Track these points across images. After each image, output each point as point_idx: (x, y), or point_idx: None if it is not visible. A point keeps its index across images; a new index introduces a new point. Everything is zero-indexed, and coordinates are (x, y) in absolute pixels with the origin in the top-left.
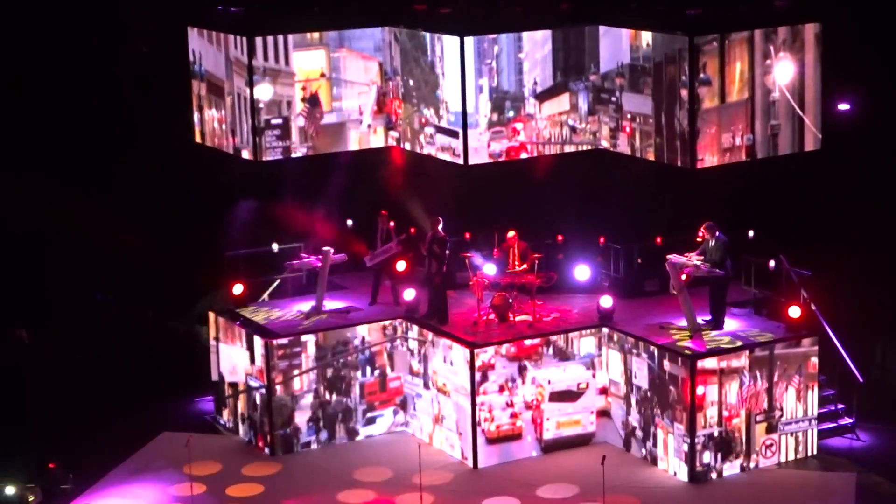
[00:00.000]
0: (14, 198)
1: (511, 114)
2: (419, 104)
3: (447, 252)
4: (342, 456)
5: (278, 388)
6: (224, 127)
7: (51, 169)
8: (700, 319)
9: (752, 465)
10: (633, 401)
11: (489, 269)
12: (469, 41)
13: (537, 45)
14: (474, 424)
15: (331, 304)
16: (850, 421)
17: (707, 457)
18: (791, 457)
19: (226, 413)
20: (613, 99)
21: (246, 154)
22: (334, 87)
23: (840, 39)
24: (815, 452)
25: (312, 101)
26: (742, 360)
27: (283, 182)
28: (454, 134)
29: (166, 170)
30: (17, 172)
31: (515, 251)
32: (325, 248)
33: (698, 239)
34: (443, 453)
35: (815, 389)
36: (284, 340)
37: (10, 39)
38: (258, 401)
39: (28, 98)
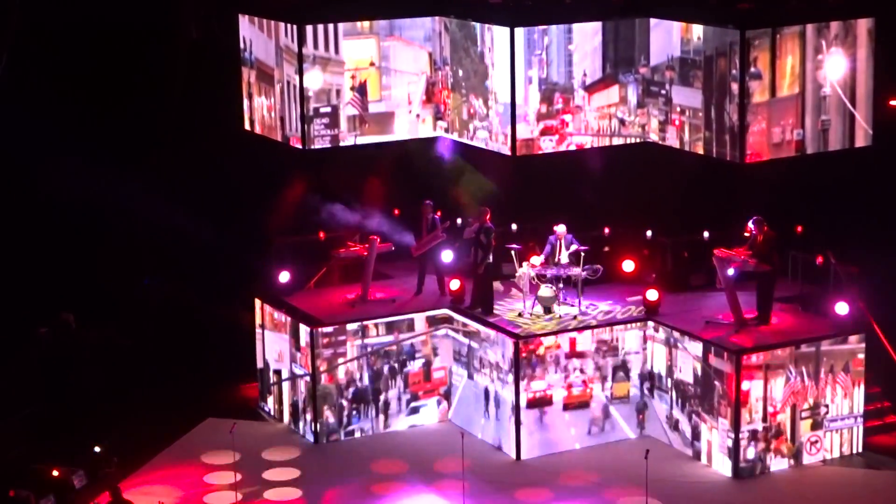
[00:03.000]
0: (63, 183)
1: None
2: (468, 94)
3: (493, 242)
4: (384, 445)
5: (323, 376)
6: (273, 114)
7: (99, 154)
8: (746, 315)
9: (796, 461)
10: (677, 395)
11: (535, 260)
12: (519, 32)
13: (587, 37)
14: (518, 416)
15: (376, 293)
16: None
17: (751, 452)
18: (836, 454)
19: (270, 400)
20: (663, 92)
21: (294, 142)
22: (383, 76)
23: (893, 35)
24: (860, 450)
25: (361, 90)
26: (787, 356)
27: (332, 170)
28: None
29: (215, 156)
30: (66, 158)
31: (561, 243)
32: (372, 237)
33: (746, 233)
34: (485, 444)
35: (862, 386)
36: (330, 328)
37: (63, 26)
38: (302, 388)
39: (79, 85)
